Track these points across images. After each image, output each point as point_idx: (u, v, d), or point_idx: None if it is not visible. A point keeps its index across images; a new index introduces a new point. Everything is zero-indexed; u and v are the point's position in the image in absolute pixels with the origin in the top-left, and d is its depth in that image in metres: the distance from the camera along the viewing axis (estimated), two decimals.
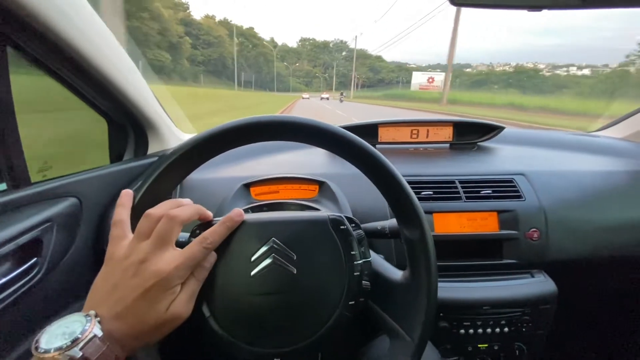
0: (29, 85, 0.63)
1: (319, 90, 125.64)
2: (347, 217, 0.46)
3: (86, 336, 0.30)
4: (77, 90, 0.66)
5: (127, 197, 0.40)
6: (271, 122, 0.39)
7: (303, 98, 55.46)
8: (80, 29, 0.56)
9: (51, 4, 0.50)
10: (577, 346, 1.04)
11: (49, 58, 0.57)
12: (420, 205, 0.41)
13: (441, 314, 0.71)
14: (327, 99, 48.30)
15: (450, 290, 0.71)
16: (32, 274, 0.54)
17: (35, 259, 0.55)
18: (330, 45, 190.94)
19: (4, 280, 0.49)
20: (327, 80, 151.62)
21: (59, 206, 0.61)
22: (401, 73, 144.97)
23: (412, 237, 0.42)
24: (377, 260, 0.49)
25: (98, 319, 0.32)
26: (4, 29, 0.48)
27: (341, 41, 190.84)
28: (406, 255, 0.43)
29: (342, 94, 37.00)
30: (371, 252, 0.48)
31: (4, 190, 0.56)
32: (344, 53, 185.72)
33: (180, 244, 0.39)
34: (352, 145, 0.41)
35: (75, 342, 0.29)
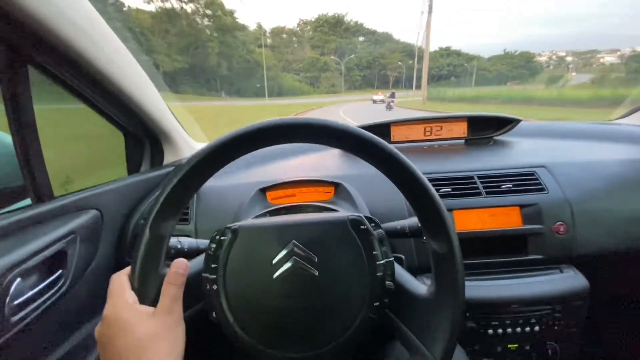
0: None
1: (333, 92, 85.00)
2: (366, 217, 0.46)
3: None
4: (95, 106, 0.68)
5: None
6: (289, 124, 0.38)
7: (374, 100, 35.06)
8: (98, 46, 0.58)
9: (69, 22, 0.51)
10: (612, 343, 0.99)
11: (67, 75, 0.58)
12: (450, 219, 0.39)
13: (468, 314, 0.68)
14: (383, 101, 31.55)
15: (475, 289, 0.69)
16: (58, 285, 0.55)
17: (60, 270, 0.56)
18: (346, 21, 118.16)
19: (32, 292, 0.51)
20: (345, 75, 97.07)
21: (81, 218, 0.63)
22: (457, 64, 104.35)
23: (440, 251, 0.39)
24: (400, 272, 0.47)
25: None
26: (25, 49, 0.50)
27: (356, 22, 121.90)
28: (432, 268, 0.41)
29: (392, 94, 25.04)
30: (395, 263, 0.46)
31: (29, 205, 0.58)
32: (361, 38, 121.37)
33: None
34: (382, 152, 0.38)
35: None
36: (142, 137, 0.85)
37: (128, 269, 0.39)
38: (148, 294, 0.37)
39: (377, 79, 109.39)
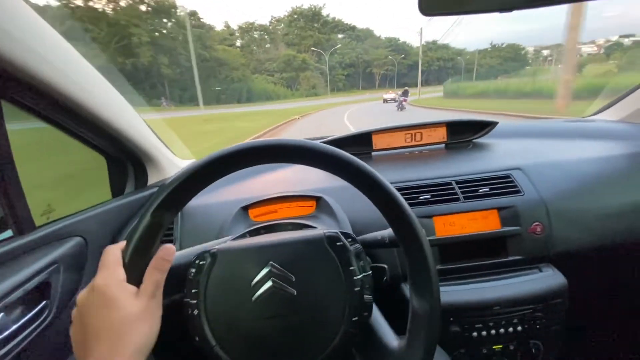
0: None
1: (315, 94, 72.24)
2: (343, 233, 0.47)
3: None
4: (72, 132, 0.68)
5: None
6: (257, 147, 0.39)
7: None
8: (66, 75, 0.58)
9: (36, 54, 0.52)
10: (594, 338, 1.01)
11: (40, 106, 0.59)
12: (436, 275, 0.39)
13: (451, 319, 0.70)
14: (395, 100, 27.73)
15: (457, 293, 0.71)
16: (42, 317, 0.55)
17: (44, 302, 0.56)
18: (323, 14, 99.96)
19: (16, 326, 0.51)
20: (326, 76, 78.93)
21: (64, 247, 0.63)
22: (447, 58, 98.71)
23: (419, 310, 0.40)
24: (376, 317, 0.48)
25: None
26: None
27: (333, 18, 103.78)
28: (409, 321, 0.41)
29: (404, 92, 21.34)
30: (374, 308, 0.47)
31: (10, 237, 0.58)
32: (340, 35, 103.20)
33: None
34: (348, 165, 0.40)
35: None
36: (124, 160, 0.85)
37: (121, 243, 0.39)
38: (135, 273, 0.38)
39: (362, 79, 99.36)
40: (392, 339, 0.44)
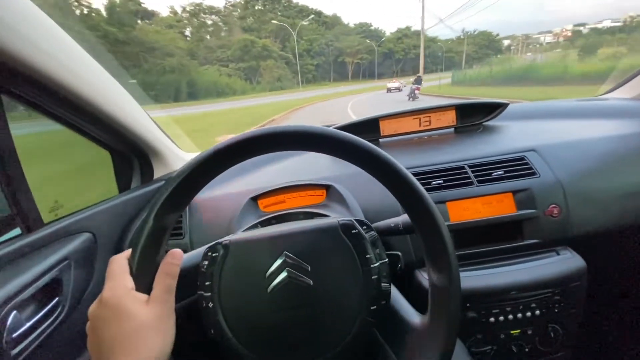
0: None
1: (280, 88, 58.62)
2: (357, 220, 0.45)
3: None
4: (76, 127, 0.67)
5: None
6: (264, 135, 0.37)
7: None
8: (69, 69, 0.57)
9: (37, 48, 0.50)
10: (613, 321, 1.00)
11: (42, 100, 0.57)
12: (454, 252, 0.37)
13: (468, 305, 0.69)
14: (399, 89, 26.19)
15: (474, 279, 0.69)
16: (56, 314, 0.55)
17: (57, 298, 0.56)
18: None
19: (29, 324, 0.50)
20: (294, 66, 66.19)
21: (74, 243, 0.62)
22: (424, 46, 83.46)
23: (438, 283, 0.38)
24: (396, 296, 0.46)
25: None
26: None
27: (297, 3, 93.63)
28: (429, 298, 0.40)
29: (417, 79, 17.93)
30: (392, 288, 0.45)
31: (18, 235, 0.57)
32: (306, 22, 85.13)
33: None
34: (362, 152, 0.37)
35: None
36: (129, 154, 0.84)
37: (127, 252, 0.38)
38: (144, 281, 0.37)
39: (334, 69, 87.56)
40: (413, 316, 0.43)
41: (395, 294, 0.46)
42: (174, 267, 0.38)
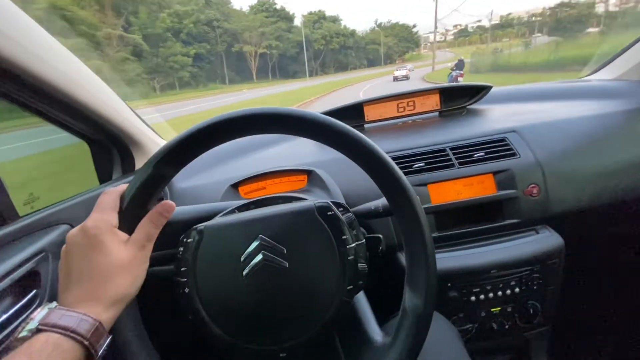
0: None
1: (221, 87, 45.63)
2: (334, 202, 0.46)
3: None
4: (48, 117, 0.65)
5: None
6: (245, 116, 0.37)
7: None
8: (37, 55, 0.55)
9: (4, 36, 0.48)
10: (592, 296, 1.03)
11: (11, 90, 0.55)
12: (433, 249, 0.37)
13: (449, 284, 0.70)
14: (407, 77, 25.00)
15: (455, 259, 0.71)
16: (33, 307, 0.54)
17: (34, 290, 0.55)
18: None
19: (5, 316, 0.49)
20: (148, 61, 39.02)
21: (51, 235, 0.61)
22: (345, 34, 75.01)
23: (408, 306, 0.38)
24: (364, 311, 0.47)
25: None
26: None
27: None
28: (398, 320, 0.39)
29: (459, 63, 13.17)
30: (363, 298, 0.46)
31: None
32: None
33: None
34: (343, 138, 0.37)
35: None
36: (107, 144, 0.82)
37: (121, 187, 0.39)
38: (129, 222, 0.37)
39: (228, 65, 59.38)
40: (377, 334, 0.44)
41: (364, 307, 0.47)
42: (162, 219, 0.39)
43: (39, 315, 0.31)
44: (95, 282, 0.33)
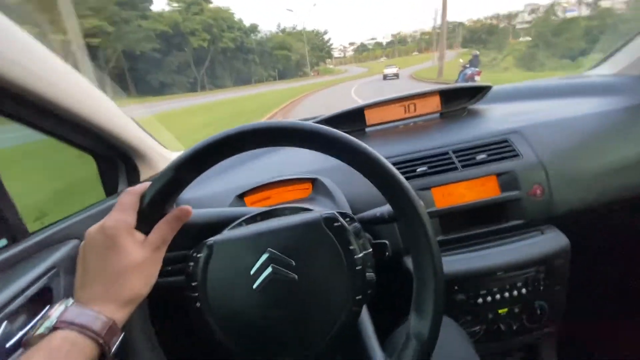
0: None
1: None
2: (340, 213, 0.46)
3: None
4: (55, 134, 0.66)
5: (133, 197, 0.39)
6: (243, 132, 0.38)
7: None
8: (35, 74, 0.55)
9: (12, 62, 0.49)
10: (598, 294, 1.03)
11: (21, 112, 0.56)
12: (439, 256, 0.37)
13: (456, 287, 0.71)
14: (397, 75, 24.97)
15: (461, 261, 0.71)
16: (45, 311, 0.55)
17: (47, 306, 0.56)
18: None
19: (21, 333, 0.50)
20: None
21: (61, 251, 0.62)
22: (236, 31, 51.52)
23: (412, 332, 0.38)
24: (368, 334, 0.47)
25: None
26: None
27: None
28: (400, 348, 0.39)
29: (473, 60, 11.43)
30: (364, 311, 0.46)
31: (5, 246, 0.57)
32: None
33: None
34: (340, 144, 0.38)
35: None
36: (113, 157, 0.83)
37: (142, 186, 0.39)
38: (147, 223, 0.38)
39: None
40: (378, 357, 0.45)
41: (367, 328, 0.48)
42: (179, 222, 0.40)
43: (56, 312, 0.32)
44: (110, 282, 0.34)
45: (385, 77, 25.95)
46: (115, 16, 36.56)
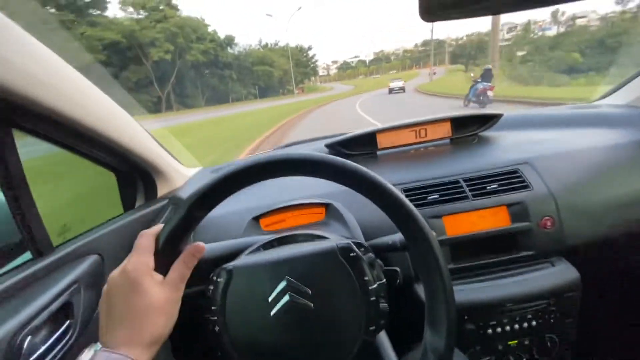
0: None
1: None
2: (355, 243, 0.47)
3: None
4: (79, 152, 0.69)
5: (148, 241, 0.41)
6: (262, 162, 0.41)
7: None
8: (73, 100, 0.59)
9: (35, 81, 0.52)
10: (609, 329, 1.01)
11: (50, 132, 0.60)
12: (450, 283, 0.39)
13: (466, 317, 0.71)
14: (403, 89, 25.07)
15: (471, 291, 0.71)
16: (67, 337, 0.57)
17: (68, 321, 0.58)
18: None
19: (44, 347, 0.52)
20: None
21: (82, 266, 0.64)
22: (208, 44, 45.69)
23: (429, 348, 0.40)
24: (384, 344, 0.50)
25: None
26: (6, 115, 0.51)
27: None
28: None
29: (486, 73, 10.44)
30: (382, 334, 0.48)
31: (30, 260, 0.59)
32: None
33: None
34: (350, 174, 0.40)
35: None
36: (132, 173, 0.87)
37: (156, 228, 0.41)
38: (164, 263, 0.39)
39: None
40: None
41: (387, 348, 0.50)
42: (194, 259, 0.41)
43: (86, 358, 0.35)
44: (135, 324, 0.36)
45: (391, 90, 25.75)
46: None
